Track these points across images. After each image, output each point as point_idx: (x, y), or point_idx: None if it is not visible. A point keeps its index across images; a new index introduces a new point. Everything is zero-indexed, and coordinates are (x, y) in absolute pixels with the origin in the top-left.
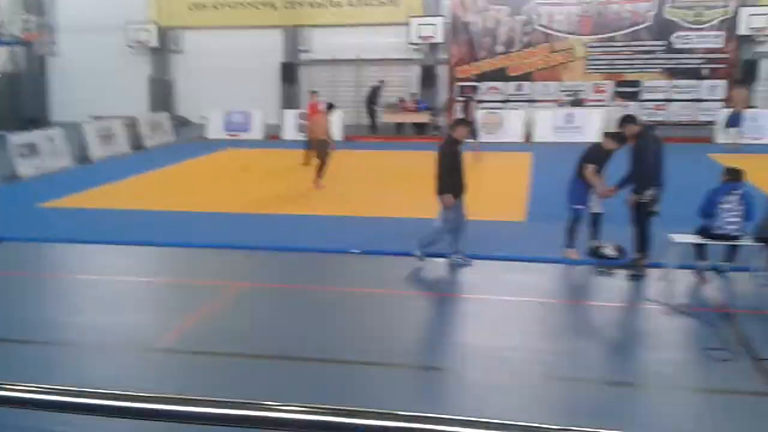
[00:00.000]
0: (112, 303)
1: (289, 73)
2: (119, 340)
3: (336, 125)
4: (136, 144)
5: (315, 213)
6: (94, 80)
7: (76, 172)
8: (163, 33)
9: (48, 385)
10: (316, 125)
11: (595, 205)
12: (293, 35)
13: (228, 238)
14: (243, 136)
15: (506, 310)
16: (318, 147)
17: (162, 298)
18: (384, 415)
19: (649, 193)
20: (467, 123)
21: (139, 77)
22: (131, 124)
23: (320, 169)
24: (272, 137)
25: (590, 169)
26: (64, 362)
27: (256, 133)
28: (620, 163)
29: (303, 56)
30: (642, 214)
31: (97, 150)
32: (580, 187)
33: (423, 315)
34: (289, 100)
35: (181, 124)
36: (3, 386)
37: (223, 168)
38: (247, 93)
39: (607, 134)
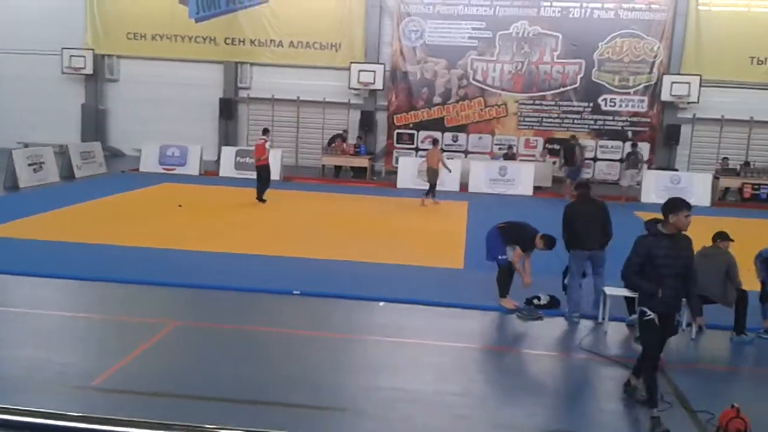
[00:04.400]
0: (43, 338)
1: (227, 109)
2: (48, 376)
3: (274, 164)
4: (67, 174)
5: (254, 252)
6: (25, 105)
7: (5, 200)
8: (99, 60)
9: None
10: (431, 158)
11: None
12: (233, 71)
13: (165, 274)
14: (179, 170)
15: (444, 355)
16: (430, 174)
17: (96, 335)
18: None
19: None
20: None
21: (72, 105)
22: (62, 153)
23: (431, 190)
24: (209, 173)
25: None
26: None
27: (192, 168)
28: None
29: (242, 93)
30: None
31: (25, 178)
32: (496, 240)
33: (358, 358)
34: (228, 137)
35: (113, 155)
36: None
37: (158, 202)
38: (185, 127)
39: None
